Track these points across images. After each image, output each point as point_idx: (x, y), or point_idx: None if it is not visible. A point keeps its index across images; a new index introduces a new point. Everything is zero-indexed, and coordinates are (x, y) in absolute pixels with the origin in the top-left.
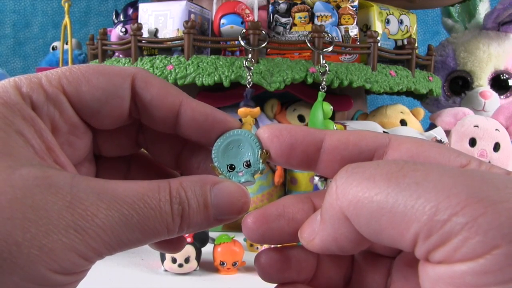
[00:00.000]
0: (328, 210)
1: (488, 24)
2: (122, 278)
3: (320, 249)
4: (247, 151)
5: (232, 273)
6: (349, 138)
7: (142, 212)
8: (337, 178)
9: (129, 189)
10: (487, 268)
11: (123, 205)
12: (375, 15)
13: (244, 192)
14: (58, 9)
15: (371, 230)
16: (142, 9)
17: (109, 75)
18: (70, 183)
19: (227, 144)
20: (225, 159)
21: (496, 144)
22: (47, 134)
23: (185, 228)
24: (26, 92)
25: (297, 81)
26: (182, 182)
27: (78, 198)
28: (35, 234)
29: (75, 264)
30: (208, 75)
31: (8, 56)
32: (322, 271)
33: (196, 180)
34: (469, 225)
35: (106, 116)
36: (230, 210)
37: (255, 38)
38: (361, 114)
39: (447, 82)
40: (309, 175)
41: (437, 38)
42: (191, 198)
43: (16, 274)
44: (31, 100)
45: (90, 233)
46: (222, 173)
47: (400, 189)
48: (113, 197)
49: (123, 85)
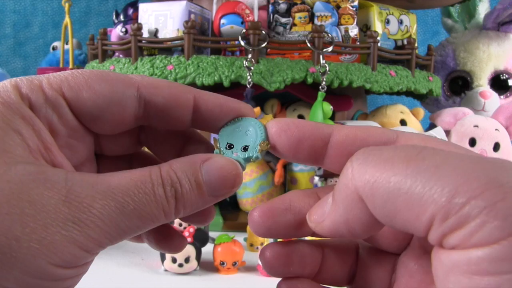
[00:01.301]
0: (342, 190)
1: (488, 24)
2: (122, 278)
3: (329, 231)
4: (251, 138)
5: (232, 273)
6: (356, 133)
7: (137, 198)
8: (353, 160)
9: (122, 178)
10: (504, 254)
11: (117, 194)
12: (375, 15)
13: (235, 164)
14: (58, 9)
15: (386, 212)
16: (142, 9)
17: (112, 82)
18: (65, 178)
19: (236, 126)
20: (228, 138)
21: (496, 144)
22: (45, 134)
23: (181, 209)
24: (26, 93)
25: (297, 81)
26: (172, 164)
27: (73, 191)
28: (34, 228)
29: (76, 256)
30: (208, 75)
31: (8, 56)
32: (327, 266)
33: (185, 160)
34: (487, 209)
35: (107, 123)
36: (223, 184)
37: (255, 38)
38: (361, 114)
39: (447, 82)
40: (309, 175)
41: (437, 38)
42: (182, 178)
43: (16, 268)
44: (30, 101)
45: (88, 224)
46: (219, 147)
47: (419, 170)
48: (107, 187)
49: (126, 93)
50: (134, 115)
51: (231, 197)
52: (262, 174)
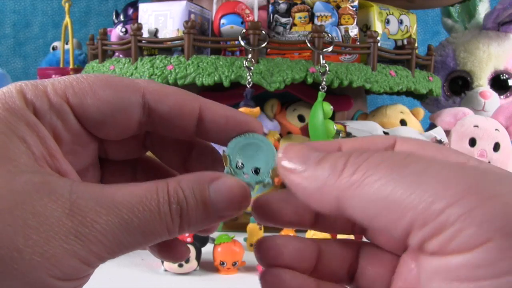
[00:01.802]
0: (326, 186)
1: (488, 24)
2: (122, 278)
3: (296, 188)
4: (262, 159)
5: (232, 273)
6: (362, 143)
7: (142, 215)
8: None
9: (127, 193)
10: (480, 261)
11: (122, 210)
12: (375, 15)
13: (244, 188)
14: (58, 9)
15: (366, 215)
16: (142, 9)
17: (117, 87)
18: (69, 190)
19: (247, 143)
20: (238, 155)
21: (496, 144)
22: (50, 141)
23: (186, 227)
24: (30, 99)
25: (297, 81)
26: (180, 181)
27: (77, 205)
28: (36, 241)
29: (76, 269)
30: (208, 75)
31: (8, 56)
32: (324, 262)
33: (194, 179)
34: (463, 216)
35: (111, 129)
36: (230, 206)
37: (255, 38)
38: (361, 114)
39: (447, 82)
40: None
41: (437, 38)
42: (189, 197)
43: (17, 280)
44: (34, 107)
45: (91, 239)
46: (230, 165)
47: (400, 177)
48: (112, 202)
49: (131, 99)
50: (139, 122)
51: None
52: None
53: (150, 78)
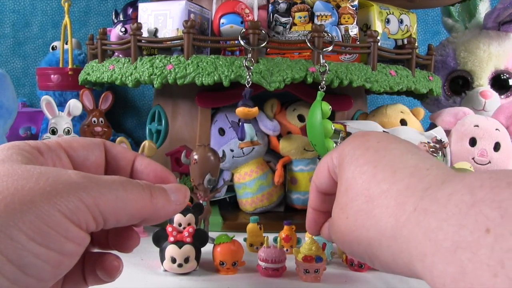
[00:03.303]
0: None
1: (488, 24)
2: (122, 278)
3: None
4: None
5: (231, 273)
6: None
7: None
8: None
9: None
10: None
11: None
12: (375, 14)
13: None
14: (58, 9)
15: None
16: (142, 8)
17: (87, 139)
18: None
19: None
20: None
21: (496, 144)
22: None
23: None
24: (34, 144)
25: (297, 80)
26: None
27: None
28: (46, 189)
29: (79, 209)
30: (208, 75)
31: (7, 56)
32: None
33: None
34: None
35: (91, 165)
36: None
37: (254, 37)
38: (361, 113)
39: (447, 82)
40: (309, 175)
41: (437, 38)
42: None
43: (32, 213)
44: (38, 149)
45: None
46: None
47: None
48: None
49: (100, 144)
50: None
51: (231, 197)
52: (262, 174)
53: (149, 78)
